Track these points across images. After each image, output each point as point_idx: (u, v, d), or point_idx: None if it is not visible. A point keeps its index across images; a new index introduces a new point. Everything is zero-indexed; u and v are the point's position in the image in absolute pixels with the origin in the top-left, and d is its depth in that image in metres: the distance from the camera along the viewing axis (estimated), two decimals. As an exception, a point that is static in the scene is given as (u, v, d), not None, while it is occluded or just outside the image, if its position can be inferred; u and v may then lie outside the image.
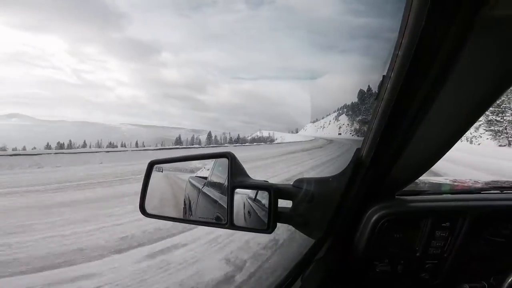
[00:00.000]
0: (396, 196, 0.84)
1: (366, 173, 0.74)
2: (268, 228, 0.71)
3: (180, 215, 0.84)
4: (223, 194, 0.77)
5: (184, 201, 0.84)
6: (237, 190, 0.75)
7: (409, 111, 0.63)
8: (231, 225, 0.74)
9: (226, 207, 0.75)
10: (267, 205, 0.72)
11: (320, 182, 0.79)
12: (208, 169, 0.86)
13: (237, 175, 0.76)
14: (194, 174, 0.87)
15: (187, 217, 0.83)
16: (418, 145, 0.69)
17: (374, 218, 0.78)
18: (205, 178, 0.86)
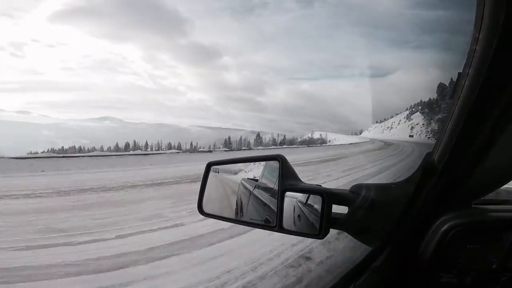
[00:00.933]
0: (473, 205, 0.76)
1: (438, 181, 0.68)
2: (320, 233, 0.70)
3: (232, 215, 0.87)
4: (272, 196, 0.78)
5: (236, 202, 0.88)
6: (288, 193, 0.74)
7: (491, 111, 0.57)
8: (280, 228, 0.74)
9: (275, 210, 0.75)
10: (319, 210, 0.70)
11: (381, 188, 0.76)
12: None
13: (288, 178, 0.76)
14: (246, 176, 0.91)
15: (239, 218, 0.86)
16: (502, 150, 0.61)
17: (445, 227, 0.72)
18: (256, 180, 0.88)
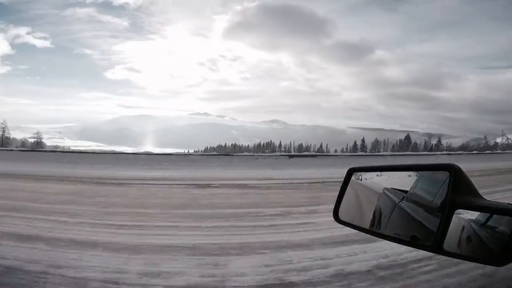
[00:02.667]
0: None
1: None
2: (500, 260, 0.58)
3: (367, 226, 0.81)
4: (428, 212, 0.69)
5: (374, 213, 0.80)
6: (459, 210, 0.63)
7: None
8: (438, 249, 0.64)
9: (430, 227, 0.66)
10: (506, 233, 0.58)
11: None
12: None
13: (461, 192, 0.64)
14: (390, 186, 0.80)
15: (375, 230, 0.79)
16: None
17: None
18: (404, 191, 0.77)
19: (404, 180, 0.78)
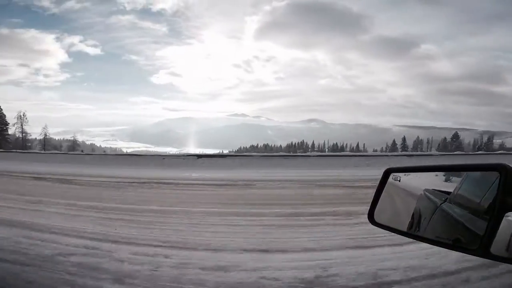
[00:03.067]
0: None
1: None
2: None
3: (405, 228, 0.78)
4: (474, 214, 0.65)
5: (413, 215, 0.77)
6: (509, 213, 0.60)
7: None
8: (485, 253, 0.60)
9: (475, 230, 0.63)
10: None
11: None
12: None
13: None
14: (431, 187, 0.76)
15: (414, 232, 0.76)
16: None
17: None
18: (447, 192, 0.74)
19: (447, 181, 0.74)
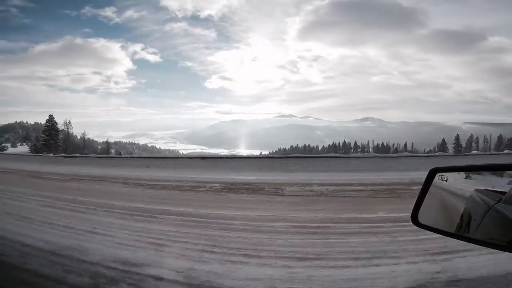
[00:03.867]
0: None
1: None
2: None
3: (453, 229, 0.75)
4: None
5: (462, 216, 0.74)
6: None
7: None
8: None
9: None
10: None
11: None
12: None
13: None
14: (483, 187, 0.73)
15: (463, 234, 0.73)
16: None
17: None
18: (502, 193, 0.70)
19: (502, 181, 0.70)
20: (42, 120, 39.11)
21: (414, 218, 0.84)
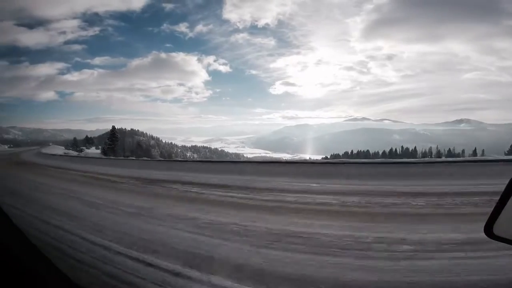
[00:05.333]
0: None
1: None
2: None
3: None
4: None
5: None
6: None
7: None
8: None
9: None
10: None
11: None
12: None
13: None
14: None
15: None
16: None
17: None
18: None
19: None
20: (139, 127, 49.06)
21: (488, 229, 0.77)
